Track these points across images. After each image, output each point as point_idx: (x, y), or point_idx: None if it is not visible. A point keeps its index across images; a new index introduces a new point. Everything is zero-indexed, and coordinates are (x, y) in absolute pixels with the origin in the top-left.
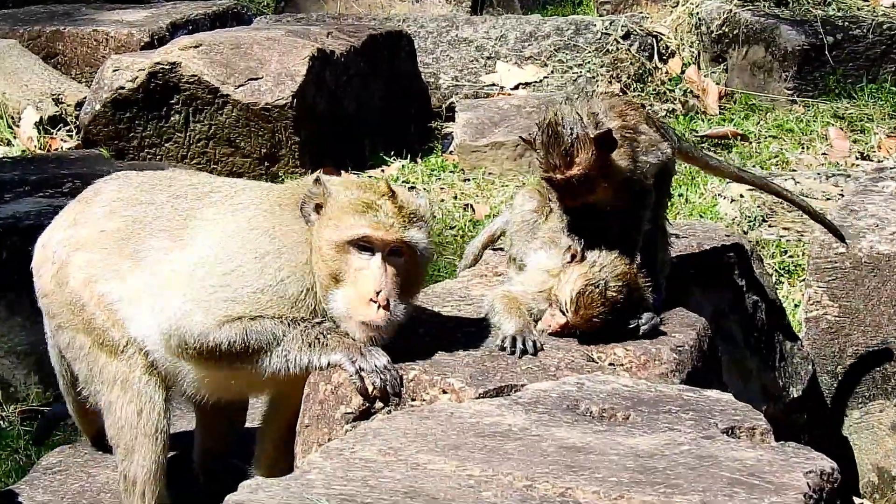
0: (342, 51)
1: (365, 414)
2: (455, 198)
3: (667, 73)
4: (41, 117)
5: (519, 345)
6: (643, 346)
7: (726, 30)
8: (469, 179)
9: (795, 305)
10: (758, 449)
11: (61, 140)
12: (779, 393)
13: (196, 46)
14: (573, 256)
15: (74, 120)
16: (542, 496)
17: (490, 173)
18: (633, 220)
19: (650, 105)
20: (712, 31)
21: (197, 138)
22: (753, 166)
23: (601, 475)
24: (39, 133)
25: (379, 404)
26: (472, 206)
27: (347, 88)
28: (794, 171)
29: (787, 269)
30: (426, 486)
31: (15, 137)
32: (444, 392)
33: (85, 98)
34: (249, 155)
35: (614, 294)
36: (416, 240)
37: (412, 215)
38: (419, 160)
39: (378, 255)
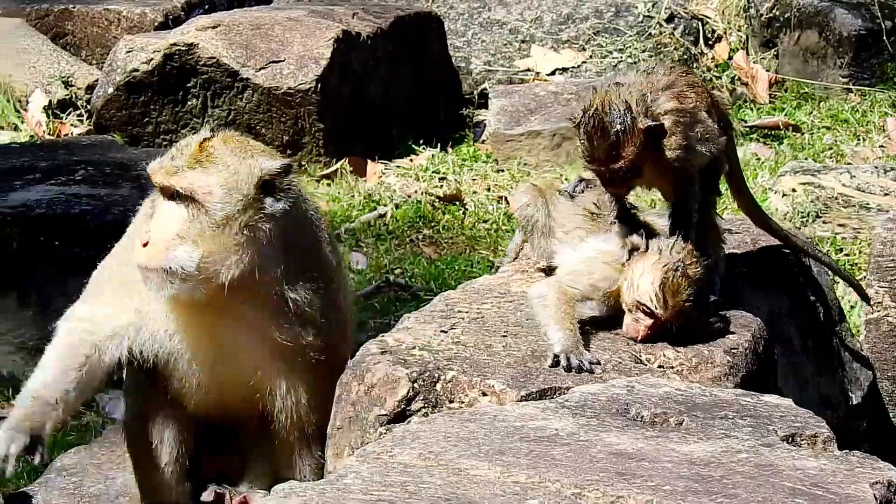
0: (368, 33)
1: (400, 416)
2: (488, 189)
3: (713, 58)
4: (50, 101)
5: (574, 363)
6: (695, 347)
7: (777, 13)
8: (503, 170)
9: (851, 307)
10: (820, 458)
11: (71, 125)
12: (837, 399)
13: (214, 27)
14: (634, 250)
15: (85, 104)
16: None
17: (525, 164)
18: (683, 213)
19: None
20: (762, 15)
21: (215, 124)
22: (806, 159)
23: (654, 483)
24: (48, 117)
25: (415, 405)
26: (506, 198)
27: (374, 73)
28: (849, 164)
29: (842, 267)
30: (469, 492)
31: (22, 122)
32: (484, 394)
33: (96, 81)
34: (270, 142)
35: (696, 272)
36: (188, 186)
37: (206, 160)
38: (449, 149)
39: (159, 198)
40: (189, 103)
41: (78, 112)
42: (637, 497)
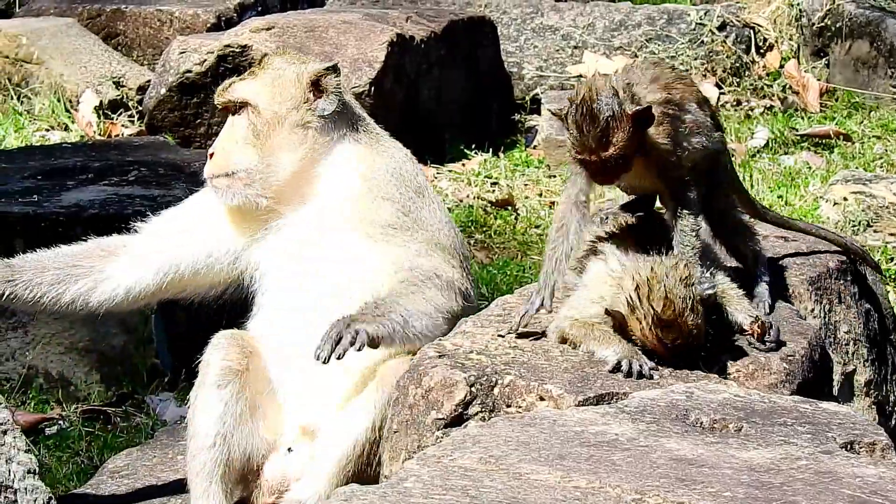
0: (422, 37)
1: (457, 420)
2: (540, 195)
3: (764, 67)
4: (101, 101)
5: (635, 368)
6: (752, 354)
7: (828, 22)
8: (555, 175)
9: None
10: (879, 466)
11: (122, 126)
12: (892, 409)
13: (268, 29)
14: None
15: (136, 105)
16: None
17: None
18: (682, 224)
19: (747, 101)
20: (813, 24)
21: None
22: (857, 168)
23: (715, 489)
24: (99, 118)
25: (472, 409)
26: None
27: (427, 77)
28: None
29: (893, 277)
30: (529, 497)
31: (73, 122)
32: (542, 398)
33: (147, 82)
34: None
35: (681, 283)
36: (240, 95)
37: (259, 70)
38: (501, 154)
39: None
40: None
41: (129, 113)
42: (698, 503)
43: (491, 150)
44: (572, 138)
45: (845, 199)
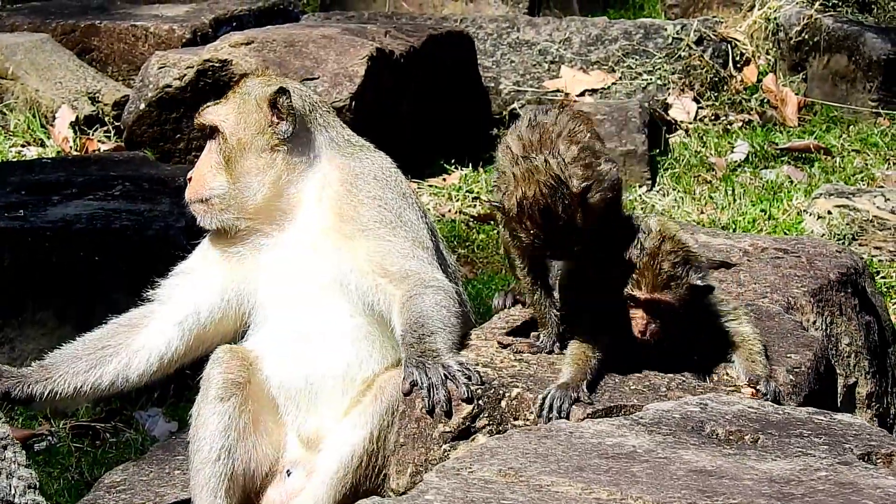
0: (401, 51)
1: (464, 433)
2: None
3: (742, 81)
4: (77, 117)
5: (556, 405)
6: None
7: (806, 37)
8: None
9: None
10: None
11: (99, 141)
12: (893, 421)
13: (248, 43)
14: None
15: (112, 120)
16: None
17: None
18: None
19: (725, 115)
20: (791, 38)
21: None
22: (837, 181)
23: (736, 501)
24: (75, 134)
25: (479, 423)
26: None
27: (406, 91)
28: (881, 187)
29: (879, 290)
30: None
31: (49, 137)
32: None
33: (124, 97)
34: None
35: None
36: (209, 120)
37: (231, 94)
38: (481, 169)
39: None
40: None
41: (105, 128)
42: None
43: (471, 164)
44: (533, 235)
45: (829, 212)
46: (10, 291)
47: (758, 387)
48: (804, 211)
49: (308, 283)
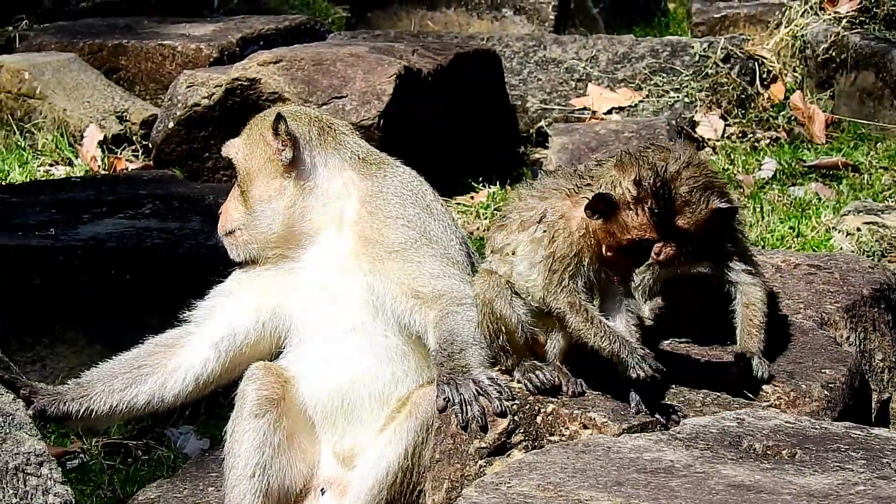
0: (429, 69)
1: (500, 449)
2: None
3: (769, 98)
4: (105, 136)
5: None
6: (793, 381)
7: (833, 54)
8: None
9: None
10: None
11: (127, 160)
12: None
13: (276, 62)
14: None
15: (140, 139)
16: None
17: None
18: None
19: (752, 133)
20: (818, 56)
21: None
22: (866, 198)
23: None
24: (103, 152)
25: (515, 438)
26: None
27: (434, 110)
28: None
29: None
30: None
31: (77, 156)
32: (585, 427)
33: (151, 116)
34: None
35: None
36: (226, 153)
37: (246, 128)
38: (508, 187)
39: None
40: None
41: (133, 147)
42: None
43: (498, 182)
44: (641, 226)
45: (858, 229)
46: (40, 310)
47: (741, 364)
48: (833, 228)
49: (341, 305)
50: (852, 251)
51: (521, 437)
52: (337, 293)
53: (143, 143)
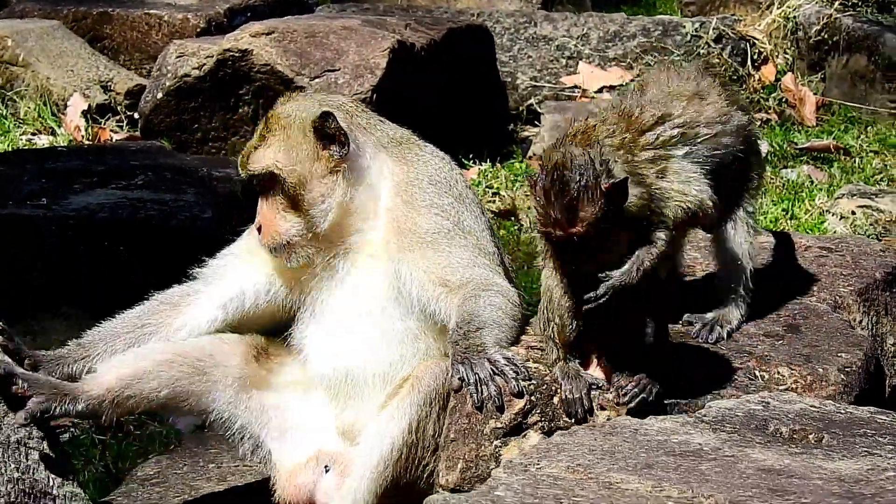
0: (422, 44)
1: (516, 429)
2: None
3: (760, 80)
4: (89, 105)
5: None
6: (809, 365)
7: (825, 36)
8: None
9: None
10: None
11: (111, 131)
12: None
13: (268, 33)
14: None
15: (125, 109)
16: None
17: None
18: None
19: None
20: (810, 38)
21: None
22: (858, 182)
23: (808, 500)
24: (87, 122)
25: (531, 419)
26: None
27: (426, 85)
28: None
29: None
30: None
31: (60, 126)
32: (602, 408)
33: (136, 86)
34: None
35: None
36: (262, 167)
37: (267, 133)
38: (500, 164)
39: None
40: (241, 110)
41: (118, 117)
42: None
43: (489, 159)
44: (538, 208)
45: (853, 212)
46: (32, 280)
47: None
48: (827, 211)
49: (361, 289)
50: (846, 234)
51: (537, 417)
52: (360, 277)
53: (128, 113)
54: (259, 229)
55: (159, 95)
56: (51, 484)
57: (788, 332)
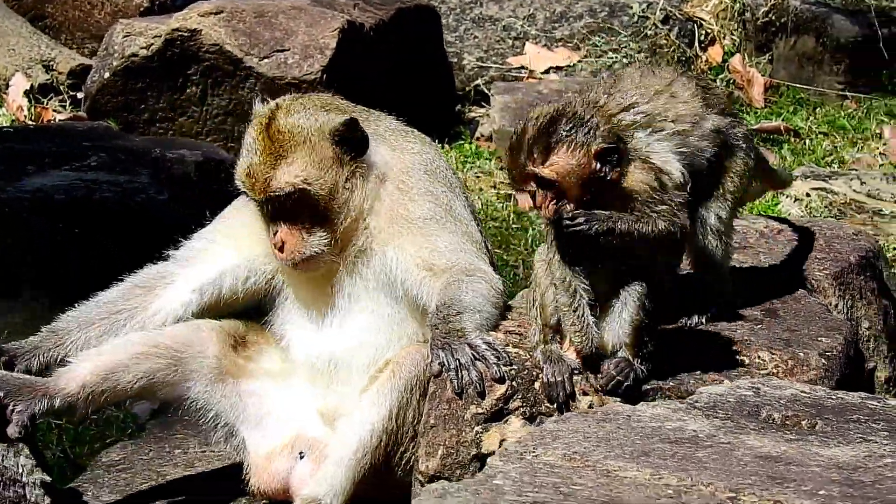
0: (371, 24)
1: (497, 415)
2: (494, 187)
3: (707, 61)
4: (31, 85)
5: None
6: (790, 350)
7: (773, 17)
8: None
9: None
10: None
11: (54, 110)
12: None
13: (217, 13)
14: None
15: (67, 89)
16: None
17: None
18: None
19: None
20: (757, 19)
21: (214, 113)
22: (809, 164)
23: (808, 488)
24: (30, 102)
25: (513, 404)
26: (514, 195)
27: (376, 65)
28: (855, 170)
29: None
30: (623, 495)
31: (2, 106)
32: (585, 393)
33: (79, 66)
34: None
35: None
36: (290, 184)
37: (281, 149)
38: (448, 145)
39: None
40: (188, 91)
41: (60, 97)
42: (795, 502)
43: (437, 140)
44: (512, 139)
45: (807, 194)
46: None
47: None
48: (781, 193)
49: (349, 277)
50: (802, 216)
51: (518, 402)
52: (348, 267)
53: (71, 93)
54: (280, 248)
55: (106, 75)
56: (20, 472)
57: (767, 316)
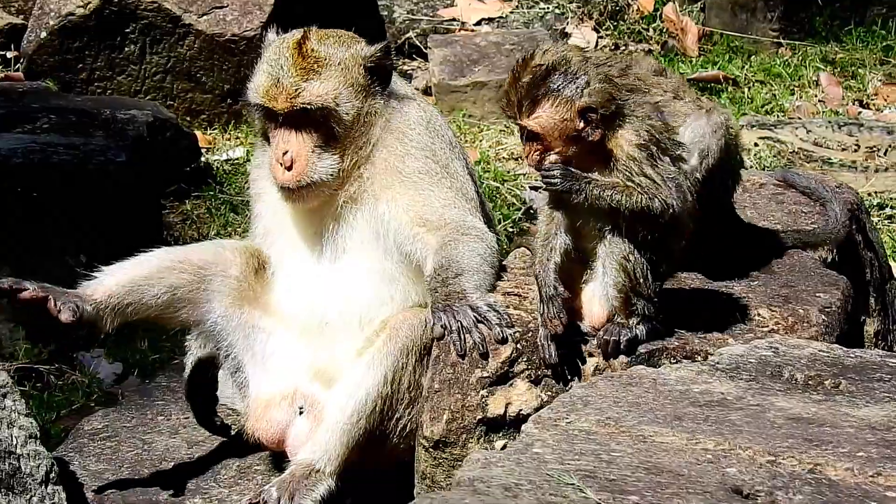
0: None
1: (503, 378)
2: None
3: (638, 10)
4: None
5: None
6: (789, 306)
7: None
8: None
9: None
10: None
11: None
12: None
13: None
14: None
15: None
16: (791, 472)
17: (471, 116)
18: None
19: (625, 45)
20: None
21: (153, 71)
22: (750, 113)
23: (846, 450)
24: None
25: (518, 367)
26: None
27: (312, 20)
28: (798, 118)
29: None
30: (664, 461)
31: None
32: (591, 355)
33: (7, 25)
34: (211, 91)
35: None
36: (317, 100)
37: (316, 65)
38: None
39: (280, 120)
40: (126, 49)
41: None
42: (835, 464)
43: None
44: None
45: (756, 144)
46: None
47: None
48: None
49: (340, 226)
50: (752, 166)
51: (524, 365)
52: (340, 215)
53: (1, 52)
54: (288, 167)
55: (42, 35)
56: (13, 443)
57: (763, 272)
